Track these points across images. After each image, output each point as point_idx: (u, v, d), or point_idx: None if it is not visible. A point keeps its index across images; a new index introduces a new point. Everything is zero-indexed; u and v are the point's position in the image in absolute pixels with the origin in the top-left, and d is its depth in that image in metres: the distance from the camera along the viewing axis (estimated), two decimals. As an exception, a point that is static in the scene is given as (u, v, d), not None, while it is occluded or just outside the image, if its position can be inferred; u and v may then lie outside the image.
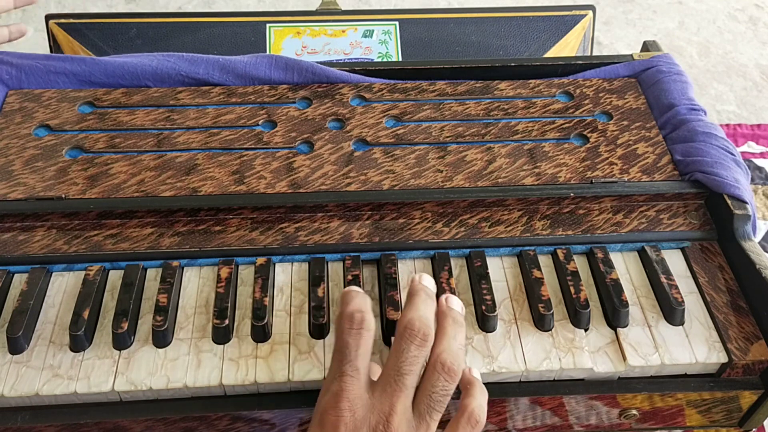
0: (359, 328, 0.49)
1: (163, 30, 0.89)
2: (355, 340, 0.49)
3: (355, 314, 0.50)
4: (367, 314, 0.50)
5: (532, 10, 0.94)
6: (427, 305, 0.52)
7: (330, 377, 0.49)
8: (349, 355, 0.49)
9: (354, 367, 0.48)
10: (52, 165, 0.66)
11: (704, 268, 0.63)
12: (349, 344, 0.49)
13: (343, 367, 0.48)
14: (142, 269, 0.60)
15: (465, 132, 0.71)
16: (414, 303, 0.51)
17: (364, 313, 0.50)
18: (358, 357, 0.49)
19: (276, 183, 0.65)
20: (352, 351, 0.49)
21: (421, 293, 0.52)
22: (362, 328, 0.49)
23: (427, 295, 0.52)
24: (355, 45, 0.88)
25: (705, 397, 0.58)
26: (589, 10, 0.95)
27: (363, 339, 0.49)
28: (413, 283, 0.54)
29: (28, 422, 0.54)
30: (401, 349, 0.49)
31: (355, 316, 0.50)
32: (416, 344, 0.49)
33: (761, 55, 1.55)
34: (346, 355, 0.49)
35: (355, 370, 0.48)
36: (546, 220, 0.64)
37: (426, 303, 0.52)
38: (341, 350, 0.49)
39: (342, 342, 0.49)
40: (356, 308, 0.50)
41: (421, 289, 0.53)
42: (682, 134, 0.70)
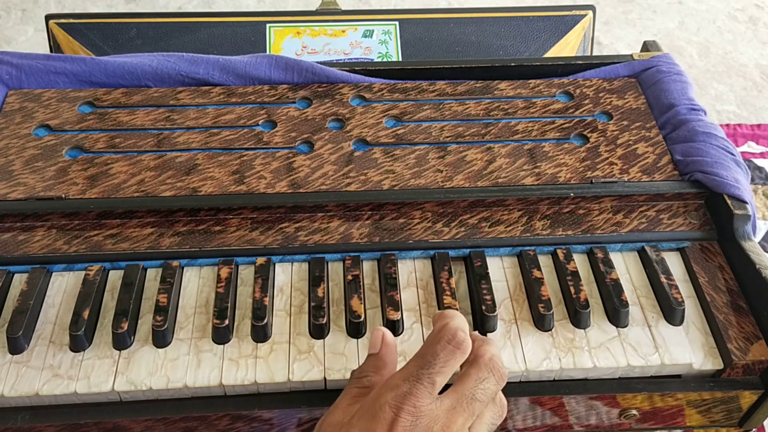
0: (456, 347, 0.48)
1: (163, 30, 0.89)
2: (446, 356, 0.48)
3: (458, 333, 0.48)
4: (468, 338, 0.49)
5: (532, 10, 0.94)
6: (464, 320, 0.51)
7: (402, 375, 0.47)
8: (434, 366, 0.47)
9: (431, 380, 0.47)
10: (52, 165, 0.66)
11: (704, 268, 0.63)
12: (438, 356, 0.48)
13: (421, 373, 0.47)
14: (142, 269, 0.60)
15: (465, 132, 0.71)
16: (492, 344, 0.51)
17: (467, 336, 0.49)
18: (441, 372, 0.47)
19: (276, 183, 0.65)
20: (438, 364, 0.47)
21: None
22: (459, 348, 0.48)
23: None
24: (355, 45, 0.88)
25: (705, 397, 0.58)
26: (589, 10, 0.95)
27: (454, 358, 0.48)
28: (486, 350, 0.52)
29: (28, 422, 0.54)
30: (482, 377, 0.48)
31: (458, 334, 0.48)
32: (496, 379, 0.49)
33: (761, 55, 1.55)
34: (431, 365, 0.47)
35: (432, 383, 0.47)
36: (546, 220, 0.64)
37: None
38: (427, 358, 0.48)
39: (432, 351, 0.48)
40: (461, 327, 0.49)
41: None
42: (682, 134, 0.70)
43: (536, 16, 0.94)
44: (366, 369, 0.51)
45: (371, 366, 0.51)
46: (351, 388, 0.51)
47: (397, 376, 0.48)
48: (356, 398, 0.50)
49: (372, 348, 0.52)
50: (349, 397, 0.50)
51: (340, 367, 0.55)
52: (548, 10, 0.94)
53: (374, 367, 0.51)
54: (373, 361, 0.52)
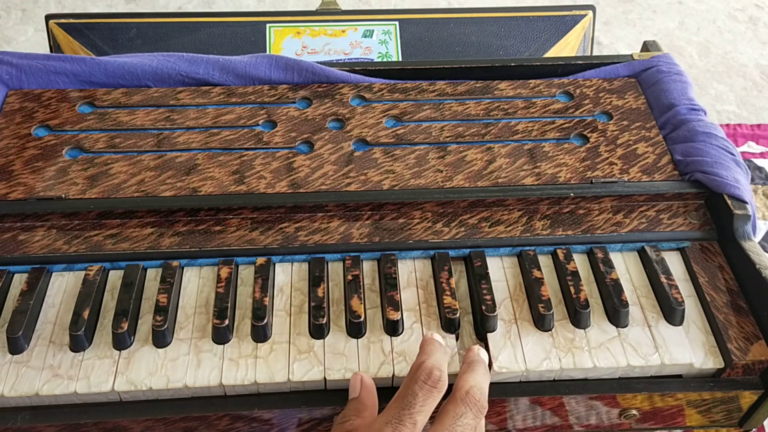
0: (433, 386, 0.50)
1: (163, 30, 0.89)
2: (424, 395, 0.49)
3: (434, 371, 0.50)
4: (444, 375, 0.50)
5: (532, 10, 0.94)
6: (485, 379, 0.52)
7: (385, 418, 0.49)
8: (414, 407, 0.49)
9: (413, 421, 0.48)
10: (52, 165, 0.66)
11: (704, 268, 0.63)
12: (417, 396, 0.49)
13: (402, 415, 0.48)
14: (142, 269, 0.60)
15: (465, 132, 0.71)
16: (476, 372, 0.52)
17: (443, 373, 0.50)
18: (421, 412, 0.49)
19: (276, 183, 0.65)
20: (418, 404, 0.49)
21: (483, 365, 0.53)
22: (435, 387, 0.50)
23: (485, 370, 0.53)
24: (355, 45, 0.88)
25: (705, 397, 0.58)
26: (589, 10, 0.95)
27: (432, 397, 0.50)
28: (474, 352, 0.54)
29: (28, 422, 0.54)
30: (459, 413, 0.50)
31: (434, 372, 0.50)
32: (473, 413, 0.50)
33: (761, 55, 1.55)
34: (411, 405, 0.49)
35: (413, 423, 0.48)
36: (546, 220, 0.64)
37: (485, 377, 0.52)
38: (406, 398, 0.49)
39: (411, 391, 0.49)
40: (437, 365, 0.50)
41: (483, 361, 0.54)
42: (682, 134, 0.70)
43: (536, 16, 0.94)
44: (348, 414, 0.52)
45: (352, 410, 0.52)
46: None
47: (380, 420, 0.49)
48: None
49: (352, 392, 0.53)
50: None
51: (340, 367, 0.55)
52: (548, 10, 0.94)
53: (355, 410, 0.52)
54: (354, 405, 0.53)
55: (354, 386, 0.53)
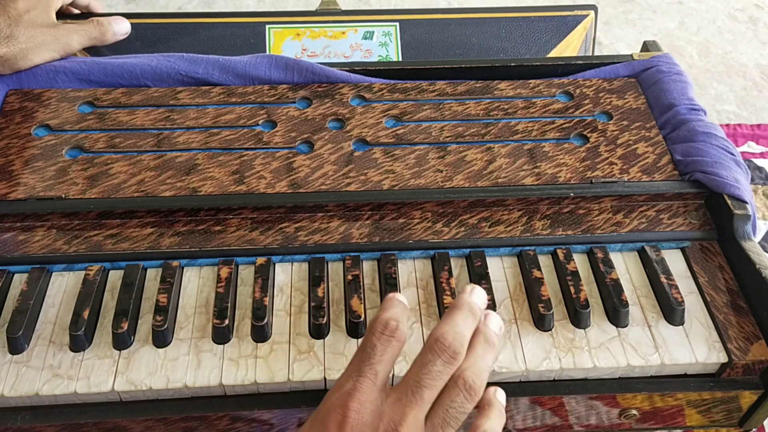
0: (390, 335, 0.48)
1: (162, 32, 0.88)
2: (383, 345, 0.47)
3: (390, 321, 0.48)
4: (401, 324, 0.48)
5: (533, 11, 0.94)
6: (467, 322, 0.50)
7: (346, 375, 0.48)
8: (373, 357, 0.47)
9: (374, 371, 0.47)
10: (52, 165, 0.66)
11: (704, 268, 0.63)
12: (375, 347, 0.47)
13: (362, 367, 0.47)
14: (142, 269, 0.60)
15: (465, 132, 0.71)
16: (453, 317, 0.49)
17: (400, 323, 0.48)
18: (381, 362, 0.47)
19: (276, 183, 0.65)
20: (377, 354, 0.47)
21: (465, 308, 0.50)
22: (393, 336, 0.48)
23: (470, 311, 0.50)
24: (356, 47, 0.88)
25: (705, 397, 0.58)
26: (590, 10, 0.94)
27: (391, 346, 0.48)
28: (462, 295, 0.51)
29: (28, 422, 0.54)
30: (427, 361, 0.47)
31: (390, 323, 0.48)
32: (444, 359, 0.47)
33: (761, 55, 1.55)
34: (370, 356, 0.47)
35: (374, 373, 0.47)
36: (546, 220, 0.64)
37: (466, 320, 0.50)
38: (365, 350, 0.48)
39: (369, 343, 0.48)
40: (393, 316, 0.49)
41: (466, 303, 0.51)
42: (682, 134, 0.70)
43: (538, 16, 0.93)
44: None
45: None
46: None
47: (341, 378, 0.48)
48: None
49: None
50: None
51: (340, 367, 0.55)
52: (549, 11, 0.94)
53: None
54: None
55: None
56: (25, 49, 0.71)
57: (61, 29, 0.75)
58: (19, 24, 0.71)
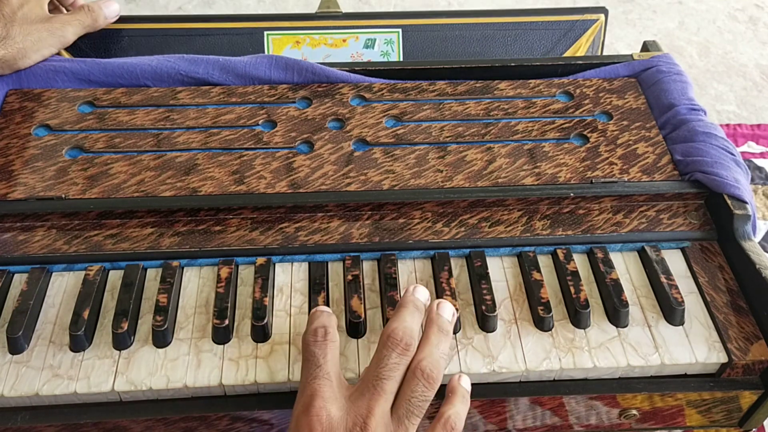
0: (323, 339, 0.51)
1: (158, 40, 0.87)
2: (321, 350, 0.50)
3: (318, 329, 0.51)
4: (330, 328, 0.52)
5: (540, 14, 0.91)
6: (413, 317, 0.53)
7: (302, 386, 0.50)
8: (318, 361, 0.50)
9: (324, 371, 0.49)
10: (52, 165, 0.66)
11: (704, 268, 0.63)
12: (315, 353, 0.50)
13: (313, 371, 0.50)
14: (142, 269, 0.60)
15: (465, 132, 0.71)
16: (400, 314, 0.53)
17: (327, 327, 0.52)
18: (327, 362, 0.50)
19: (276, 183, 0.65)
20: (320, 358, 0.50)
21: (410, 305, 0.53)
22: (326, 339, 0.51)
23: (415, 307, 0.53)
24: (356, 57, 0.88)
25: (705, 397, 0.58)
26: (600, 13, 0.90)
27: (329, 348, 0.51)
28: (405, 294, 0.55)
29: (28, 422, 0.54)
30: (382, 356, 0.50)
31: (318, 331, 0.51)
32: (397, 352, 0.50)
33: (761, 55, 1.55)
34: (315, 361, 0.50)
35: (326, 373, 0.49)
36: (546, 220, 0.64)
37: (413, 315, 0.53)
38: (309, 359, 0.50)
39: (309, 353, 0.51)
40: (320, 324, 0.52)
41: (411, 301, 0.54)
42: (682, 134, 0.70)
43: (545, 21, 0.90)
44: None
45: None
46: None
47: (300, 389, 0.50)
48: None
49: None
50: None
51: (341, 367, 0.55)
52: (557, 14, 0.90)
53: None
54: None
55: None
56: (23, 48, 0.71)
57: (55, 22, 0.75)
58: (14, 22, 0.71)
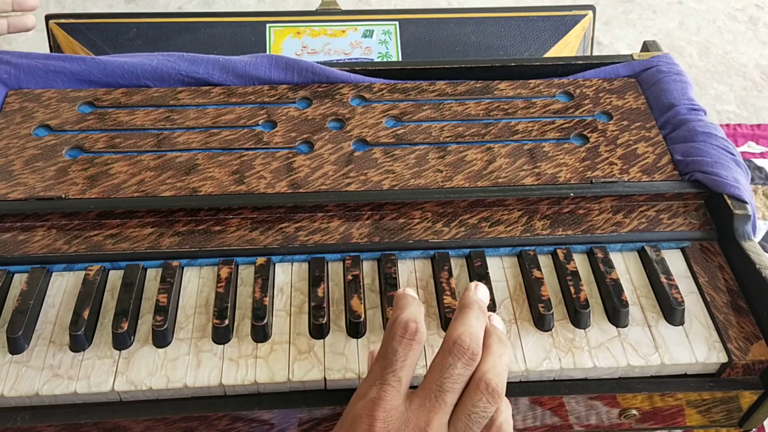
0: (411, 338, 0.47)
1: (163, 30, 0.89)
2: (404, 350, 0.47)
3: (410, 323, 0.47)
4: (421, 325, 0.48)
5: (532, 10, 0.94)
6: (479, 321, 0.49)
7: (369, 381, 0.47)
8: (395, 363, 0.46)
9: (397, 378, 0.46)
10: (52, 165, 0.66)
11: (704, 268, 0.63)
12: (397, 352, 0.47)
13: (385, 374, 0.46)
14: (142, 269, 0.60)
15: (465, 132, 0.71)
16: (465, 317, 0.49)
17: (419, 324, 0.48)
18: (403, 367, 0.47)
19: (276, 183, 0.65)
20: (399, 360, 0.46)
21: (475, 307, 0.50)
22: (414, 339, 0.47)
23: (480, 310, 0.50)
24: (355, 45, 0.88)
25: (705, 397, 0.58)
26: (589, 10, 0.95)
27: (413, 350, 0.47)
28: (467, 293, 0.51)
29: (28, 422, 0.54)
30: (447, 364, 0.46)
31: (410, 325, 0.47)
32: (464, 362, 0.46)
33: (761, 55, 1.55)
34: (392, 362, 0.46)
35: (398, 380, 0.46)
36: (546, 220, 0.64)
37: (478, 318, 0.49)
38: (387, 356, 0.47)
39: (390, 348, 0.47)
40: (412, 317, 0.48)
41: (475, 302, 0.50)
42: (682, 134, 0.70)
43: (536, 16, 0.94)
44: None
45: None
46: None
47: (365, 384, 0.47)
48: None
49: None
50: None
51: (340, 367, 0.55)
52: (548, 10, 0.94)
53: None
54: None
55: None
56: None
57: None
58: None
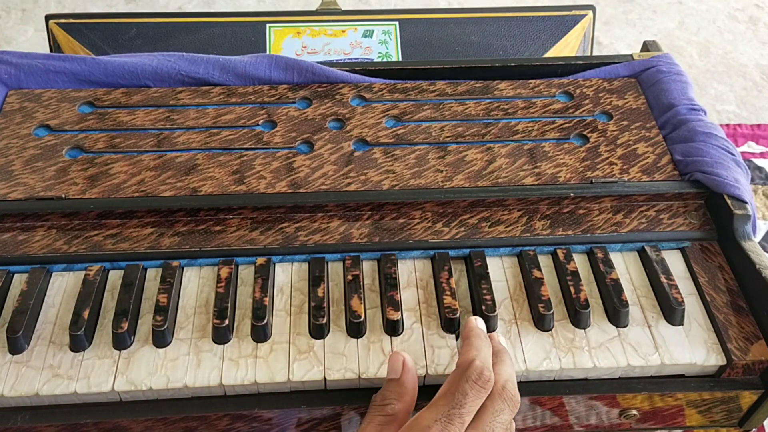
0: (483, 386, 0.49)
1: (163, 30, 0.89)
2: (474, 396, 0.49)
3: (485, 372, 0.49)
4: (492, 375, 0.50)
5: (532, 10, 0.95)
6: (489, 349, 0.52)
7: (433, 415, 0.48)
8: (464, 406, 0.48)
9: (462, 420, 0.48)
10: (52, 165, 0.66)
11: (704, 268, 0.63)
12: (467, 395, 0.49)
13: (452, 414, 0.48)
14: (142, 269, 0.60)
15: (465, 132, 0.71)
16: (505, 363, 0.52)
17: (492, 374, 0.50)
18: (470, 412, 0.48)
19: (276, 183, 0.65)
20: (468, 403, 0.48)
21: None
22: (485, 388, 0.49)
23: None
24: (355, 45, 0.88)
25: (705, 397, 0.58)
26: (589, 10, 0.95)
27: (480, 397, 0.49)
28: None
29: (28, 422, 0.54)
30: (498, 409, 0.49)
31: (484, 374, 0.49)
32: (510, 408, 0.50)
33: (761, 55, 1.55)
34: (461, 405, 0.48)
35: (462, 422, 0.48)
36: (546, 220, 0.64)
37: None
38: (456, 397, 0.49)
39: (461, 389, 0.49)
40: (488, 366, 0.50)
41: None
42: (682, 134, 0.70)
43: (536, 16, 0.94)
44: (388, 396, 0.51)
45: (393, 392, 0.52)
46: (374, 415, 0.51)
47: (428, 417, 0.48)
48: (381, 426, 0.50)
49: (392, 373, 0.53)
50: (374, 426, 0.50)
51: (340, 367, 0.55)
52: (548, 10, 0.95)
53: (396, 393, 0.52)
54: (395, 387, 0.52)
55: (395, 367, 0.53)
56: None
57: None
58: None
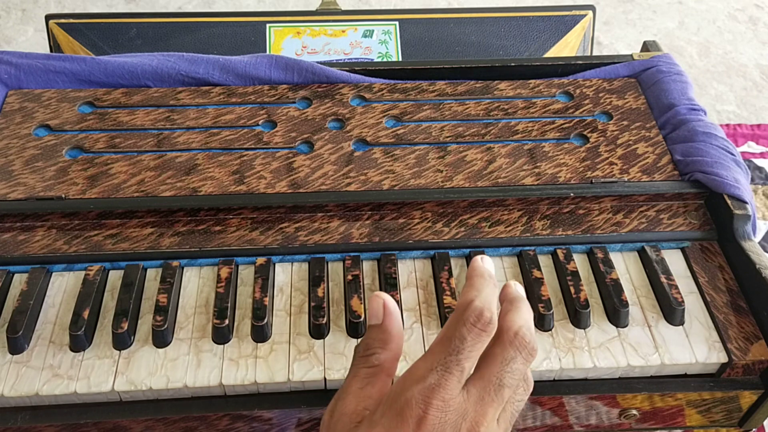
0: (483, 329, 0.43)
1: (163, 30, 0.89)
2: (473, 339, 0.43)
3: (485, 312, 0.44)
4: (495, 316, 0.44)
5: (532, 10, 0.95)
6: (492, 290, 0.46)
7: (428, 364, 0.43)
8: (462, 351, 0.43)
9: (461, 367, 0.43)
10: (52, 165, 0.66)
11: (704, 268, 0.63)
12: (465, 340, 0.43)
13: (449, 361, 0.43)
14: (142, 269, 0.60)
15: (465, 132, 0.71)
16: (521, 310, 0.46)
17: (494, 314, 0.44)
18: (469, 357, 0.43)
19: (276, 183, 0.65)
20: (466, 349, 0.43)
21: (525, 302, 0.47)
22: (485, 330, 0.44)
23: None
24: (355, 45, 0.88)
25: (705, 397, 0.58)
26: (589, 10, 0.95)
27: (481, 341, 0.44)
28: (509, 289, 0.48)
29: (28, 422, 0.54)
30: (509, 357, 0.44)
31: (484, 314, 0.44)
32: (524, 356, 0.44)
33: (761, 55, 1.55)
34: (458, 350, 0.43)
35: (461, 370, 0.43)
36: (546, 220, 0.64)
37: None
38: (453, 342, 0.43)
39: (458, 334, 0.43)
40: (488, 305, 0.44)
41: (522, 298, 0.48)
42: (682, 134, 0.70)
43: (536, 16, 0.94)
44: (371, 344, 0.46)
45: (376, 340, 0.46)
46: (359, 368, 0.46)
47: (422, 366, 0.43)
48: (367, 379, 0.45)
49: (374, 319, 0.47)
50: (359, 379, 0.46)
51: (340, 367, 0.55)
52: (548, 10, 0.95)
53: (380, 341, 0.46)
54: (378, 334, 0.47)
55: (376, 311, 0.47)
56: None
57: None
58: None
